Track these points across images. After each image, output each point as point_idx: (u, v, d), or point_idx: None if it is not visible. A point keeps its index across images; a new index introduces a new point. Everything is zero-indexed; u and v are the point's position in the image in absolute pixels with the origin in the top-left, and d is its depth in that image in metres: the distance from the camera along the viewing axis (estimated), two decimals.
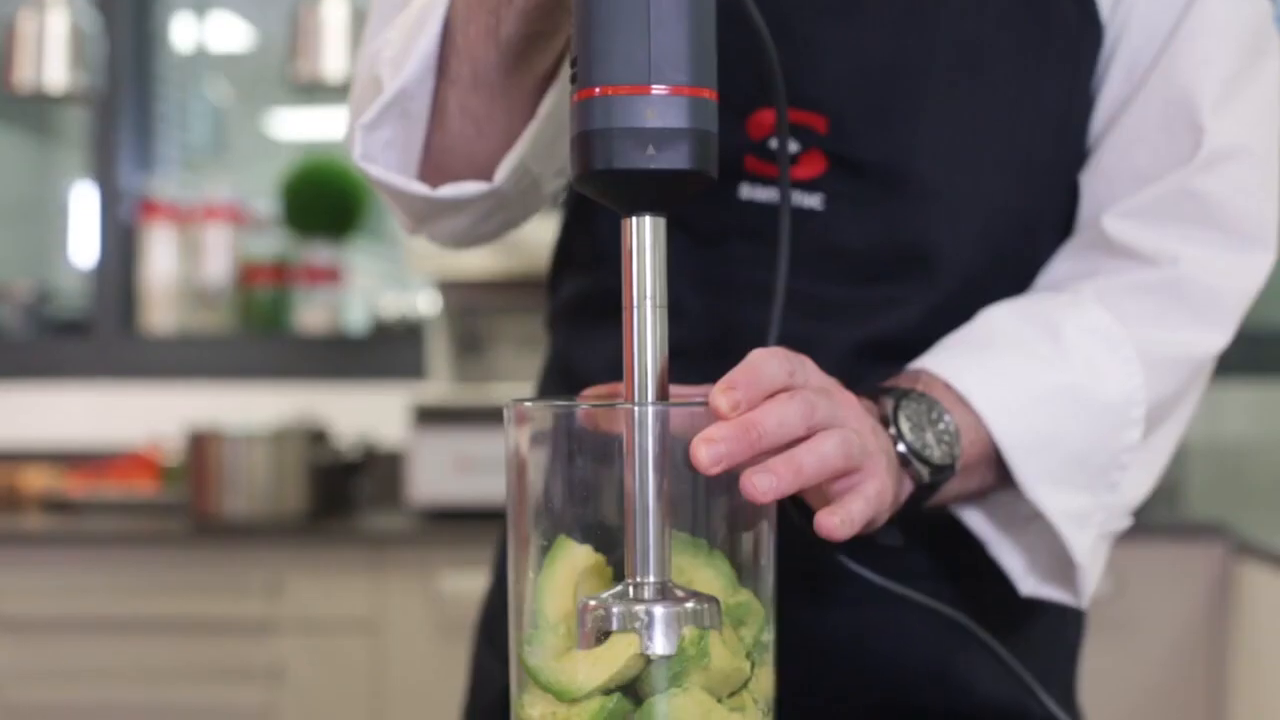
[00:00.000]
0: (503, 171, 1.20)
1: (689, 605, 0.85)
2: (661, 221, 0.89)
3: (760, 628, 0.89)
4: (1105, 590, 3.29)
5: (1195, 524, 3.66)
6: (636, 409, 0.86)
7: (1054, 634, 1.34)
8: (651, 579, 0.85)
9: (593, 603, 0.86)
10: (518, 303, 3.70)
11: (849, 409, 0.96)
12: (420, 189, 1.21)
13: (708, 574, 0.88)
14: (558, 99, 1.18)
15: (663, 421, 0.86)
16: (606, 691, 0.84)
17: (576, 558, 0.88)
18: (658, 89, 0.86)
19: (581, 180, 0.89)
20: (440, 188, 1.21)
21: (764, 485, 0.85)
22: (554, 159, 1.24)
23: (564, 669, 0.86)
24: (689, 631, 0.84)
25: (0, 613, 3.63)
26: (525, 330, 3.95)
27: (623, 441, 0.86)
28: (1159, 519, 3.59)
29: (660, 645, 0.84)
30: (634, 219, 0.88)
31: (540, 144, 1.20)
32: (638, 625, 0.84)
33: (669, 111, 0.87)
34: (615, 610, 0.85)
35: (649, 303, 0.87)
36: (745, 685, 0.87)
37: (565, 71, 1.15)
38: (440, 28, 1.14)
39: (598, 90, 0.87)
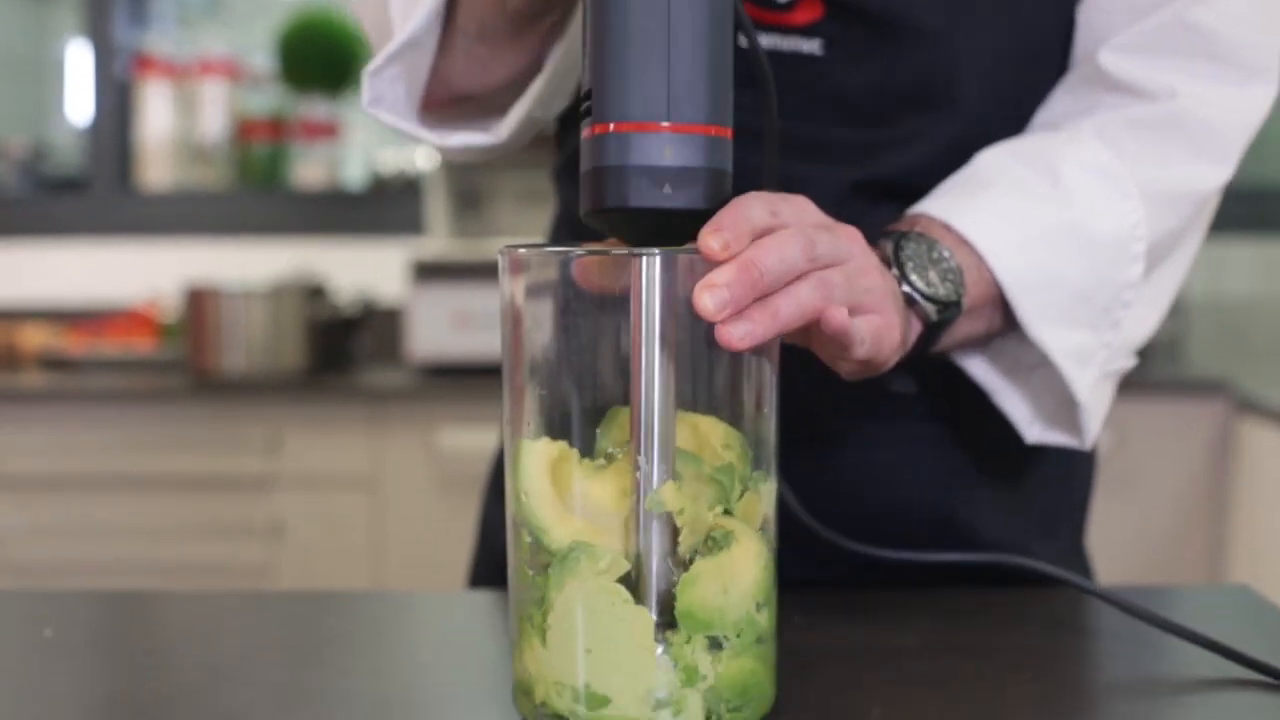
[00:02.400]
0: (507, 126, 1.20)
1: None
2: None
3: (746, 466, 0.88)
4: (1107, 445, 3.29)
5: (1196, 380, 3.66)
6: (640, 259, 0.84)
7: (1057, 481, 1.33)
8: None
9: None
10: (516, 158, 3.65)
11: (853, 242, 0.94)
12: (428, 136, 1.21)
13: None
14: (565, 50, 1.17)
15: (670, 274, 0.84)
16: None
17: (541, 458, 0.87)
18: (675, 127, 0.85)
19: (592, 215, 0.88)
20: (447, 139, 1.21)
21: (739, 332, 0.83)
22: (558, 103, 1.23)
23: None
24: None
25: (0, 471, 3.64)
26: (524, 185, 3.92)
27: (622, 290, 0.84)
28: (1160, 375, 3.60)
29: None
30: (644, 262, 0.86)
31: (546, 93, 1.19)
32: None
33: (686, 150, 0.85)
34: None
35: (657, 348, 0.85)
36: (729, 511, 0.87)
37: (574, 25, 1.14)
38: None
39: (612, 126, 0.85)
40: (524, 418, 0.88)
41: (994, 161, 1.17)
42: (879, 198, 1.20)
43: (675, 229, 0.87)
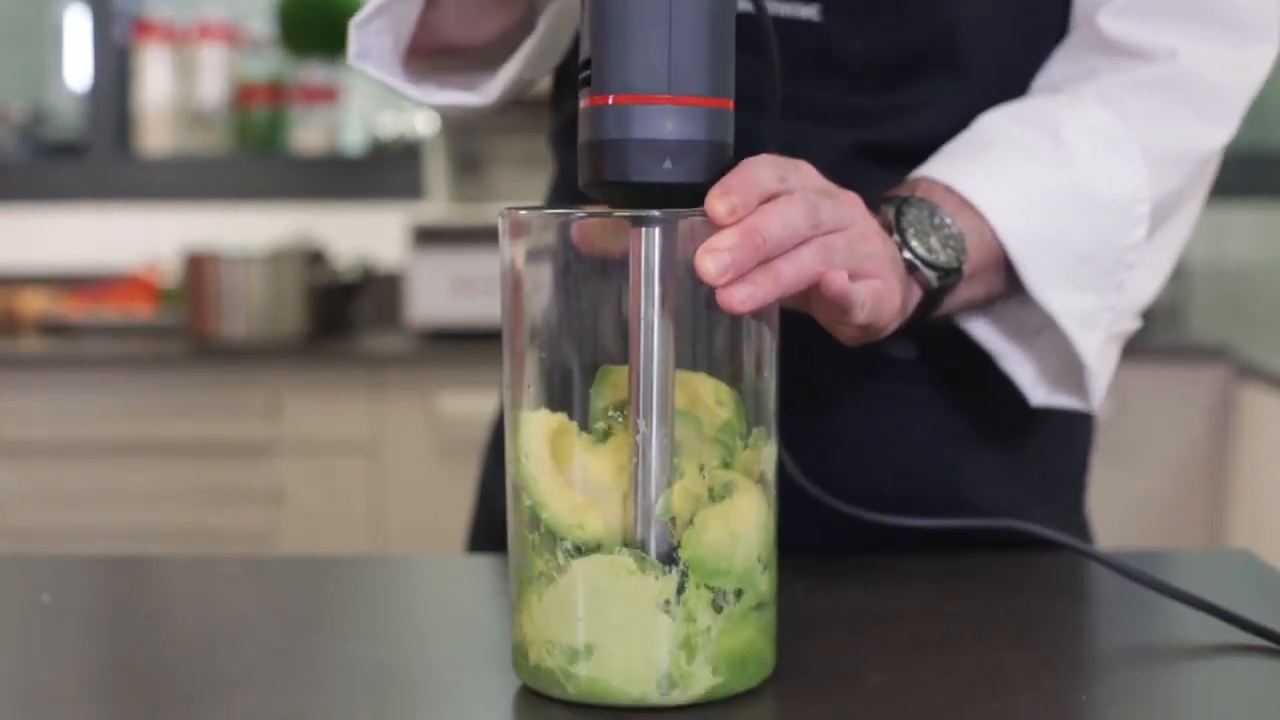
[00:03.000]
0: (496, 87, 1.20)
1: None
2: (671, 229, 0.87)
3: (738, 419, 0.88)
4: (1107, 411, 3.29)
5: (1198, 346, 3.66)
6: (641, 227, 0.84)
7: (1057, 445, 1.33)
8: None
9: None
10: (516, 122, 3.65)
11: (855, 208, 0.94)
12: (414, 93, 1.21)
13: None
14: (557, 11, 1.16)
15: (668, 240, 0.84)
16: None
17: (541, 430, 0.87)
18: (676, 99, 0.84)
19: (591, 186, 0.87)
20: (434, 96, 1.21)
21: (741, 294, 0.83)
22: (548, 64, 1.23)
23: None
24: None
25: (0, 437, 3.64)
26: (524, 150, 3.92)
27: (623, 253, 0.84)
28: (1162, 341, 3.60)
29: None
30: (644, 229, 0.85)
31: (536, 54, 1.19)
32: None
33: (687, 123, 0.84)
34: None
35: (656, 312, 0.84)
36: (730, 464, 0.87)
37: None
38: None
39: (611, 98, 0.84)
40: (524, 382, 0.88)
41: (995, 124, 1.17)
42: (878, 161, 1.20)
43: (675, 201, 0.86)
